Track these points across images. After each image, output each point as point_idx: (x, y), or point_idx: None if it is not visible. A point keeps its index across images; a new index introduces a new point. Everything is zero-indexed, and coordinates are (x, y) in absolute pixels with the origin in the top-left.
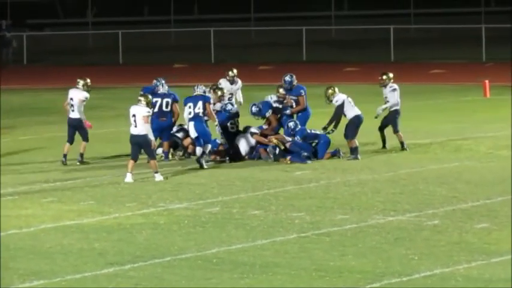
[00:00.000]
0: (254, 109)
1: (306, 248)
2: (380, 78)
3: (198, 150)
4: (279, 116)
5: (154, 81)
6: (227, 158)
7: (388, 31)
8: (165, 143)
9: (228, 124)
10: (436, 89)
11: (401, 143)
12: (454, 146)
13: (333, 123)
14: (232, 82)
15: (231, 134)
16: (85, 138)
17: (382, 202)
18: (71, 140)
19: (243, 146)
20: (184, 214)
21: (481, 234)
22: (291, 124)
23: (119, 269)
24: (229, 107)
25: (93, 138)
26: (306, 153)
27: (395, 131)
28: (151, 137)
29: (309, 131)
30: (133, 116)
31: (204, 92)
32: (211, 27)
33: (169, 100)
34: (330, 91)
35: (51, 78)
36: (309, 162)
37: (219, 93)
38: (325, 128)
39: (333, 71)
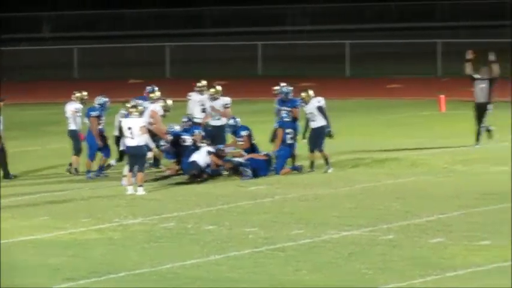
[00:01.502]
0: (232, 121)
1: (261, 263)
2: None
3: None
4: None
5: (149, 87)
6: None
7: (344, 46)
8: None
9: (184, 137)
10: (393, 104)
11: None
12: (410, 161)
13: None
14: (201, 93)
15: (183, 147)
16: (76, 151)
17: (337, 217)
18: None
19: (200, 162)
20: (139, 229)
21: (435, 249)
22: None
23: (75, 285)
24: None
25: (48, 153)
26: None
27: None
28: (151, 145)
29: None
30: (130, 128)
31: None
32: (166, 42)
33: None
34: (304, 94)
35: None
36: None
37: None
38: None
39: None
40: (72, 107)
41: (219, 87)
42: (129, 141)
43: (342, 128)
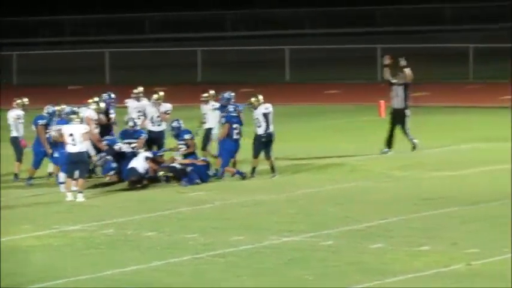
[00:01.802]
0: (175, 124)
1: (201, 270)
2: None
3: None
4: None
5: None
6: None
7: (283, 51)
8: None
9: (119, 145)
10: (332, 109)
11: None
12: (350, 167)
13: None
14: (138, 99)
15: (120, 155)
16: (17, 157)
17: (277, 223)
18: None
19: (139, 169)
20: (78, 236)
21: (376, 254)
22: None
23: None
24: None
25: None
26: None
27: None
28: (91, 152)
29: None
30: (71, 135)
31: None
32: (106, 49)
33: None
34: (253, 99)
35: None
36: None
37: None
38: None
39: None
40: (14, 114)
41: (161, 93)
42: (71, 148)
43: (282, 134)
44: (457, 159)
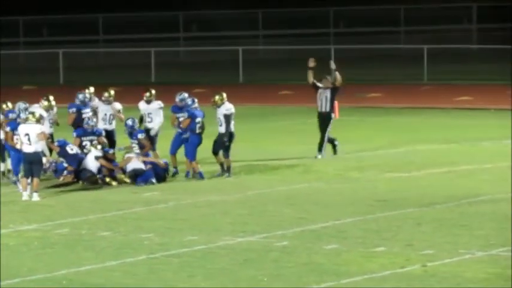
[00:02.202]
0: (130, 122)
1: (155, 269)
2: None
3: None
4: None
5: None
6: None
7: (237, 52)
8: None
9: (70, 145)
10: (285, 111)
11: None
12: (302, 168)
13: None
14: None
15: (72, 156)
16: None
17: (231, 223)
18: None
19: (92, 168)
20: (33, 235)
21: (330, 255)
22: None
23: None
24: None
25: None
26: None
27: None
28: (46, 153)
29: None
30: (27, 134)
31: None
32: (60, 49)
33: None
34: (217, 97)
35: None
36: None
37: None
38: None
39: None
40: None
41: (112, 91)
42: (26, 148)
43: (235, 135)
44: (412, 161)
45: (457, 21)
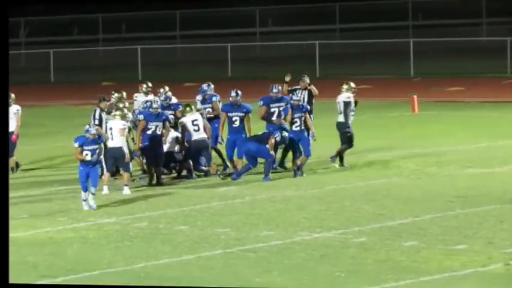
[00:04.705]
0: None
1: (231, 264)
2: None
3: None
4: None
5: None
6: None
7: (314, 46)
8: None
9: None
10: (363, 105)
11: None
12: (381, 163)
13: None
14: (147, 94)
15: None
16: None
17: (307, 219)
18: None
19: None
20: (112, 229)
21: (409, 253)
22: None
23: (51, 281)
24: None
25: (25, 154)
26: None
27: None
28: (125, 149)
29: None
30: (110, 129)
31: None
32: (138, 45)
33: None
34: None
35: None
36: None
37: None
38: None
39: (257, 87)
40: (13, 109)
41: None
42: (110, 143)
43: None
44: (493, 156)
45: None
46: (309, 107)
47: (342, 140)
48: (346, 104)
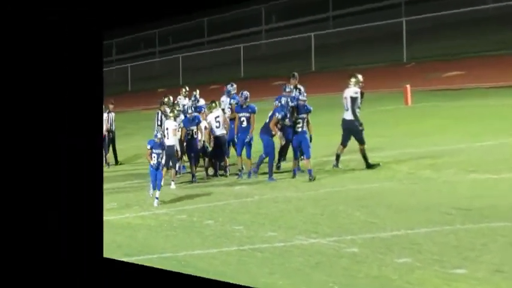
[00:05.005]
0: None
1: (243, 261)
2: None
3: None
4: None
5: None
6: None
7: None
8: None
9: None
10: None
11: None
12: (374, 165)
13: None
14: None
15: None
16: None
17: (304, 222)
18: None
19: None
20: (164, 219)
21: (402, 271)
22: None
23: (129, 260)
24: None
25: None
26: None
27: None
28: (177, 147)
29: None
30: (167, 129)
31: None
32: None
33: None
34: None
35: None
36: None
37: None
38: None
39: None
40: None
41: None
42: (166, 141)
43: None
44: (502, 158)
45: None
46: (311, 108)
47: (358, 139)
48: (354, 100)
